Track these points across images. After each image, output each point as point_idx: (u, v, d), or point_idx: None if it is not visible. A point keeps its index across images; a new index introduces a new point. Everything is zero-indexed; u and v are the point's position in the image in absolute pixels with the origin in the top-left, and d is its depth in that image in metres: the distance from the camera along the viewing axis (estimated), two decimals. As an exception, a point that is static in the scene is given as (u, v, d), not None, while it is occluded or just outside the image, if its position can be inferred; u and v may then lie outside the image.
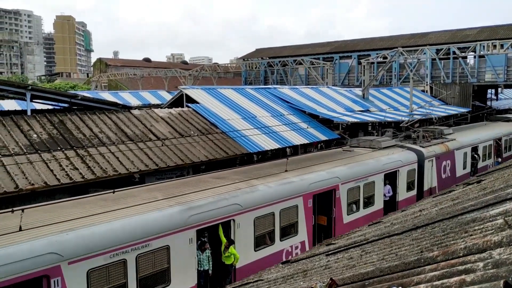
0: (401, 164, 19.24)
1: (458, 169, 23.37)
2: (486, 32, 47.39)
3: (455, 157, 23.09)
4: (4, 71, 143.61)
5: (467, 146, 24.38)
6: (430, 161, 20.81)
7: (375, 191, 17.64)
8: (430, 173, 20.94)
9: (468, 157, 24.54)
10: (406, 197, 19.60)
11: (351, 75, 54.92)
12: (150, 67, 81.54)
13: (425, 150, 20.78)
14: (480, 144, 25.86)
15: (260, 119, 23.31)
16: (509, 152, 30.16)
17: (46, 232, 8.59)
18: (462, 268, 2.66)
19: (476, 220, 4.42)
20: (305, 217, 14.42)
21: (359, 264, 4.67)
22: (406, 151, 20.19)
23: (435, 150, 21.44)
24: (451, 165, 22.67)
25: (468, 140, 24.86)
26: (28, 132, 15.42)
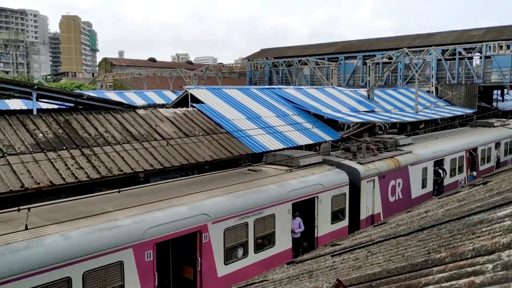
0: (321, 189, 14.62)
1: (414, 189, 19.07)
2: (492, 32, 47.16)
3: (410, 175, 18.69)
4: (10, 70, 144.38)
5: (427, 159, 20.00)
6: (370, 181, 16.54)
7: (277, 227, 13.13)
8: (371, 196, 16.65)
9: (429, 173, 20.23)
10: (332, 230, 15.13)
11: (356, 75, 54.81)
12: (155, 67, 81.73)
13: (362, 168, 16.30)
14: (447, 157, 21.55)
15: (265, 119, 23.31)
16: (488, 164, 25.58)
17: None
18: (470, 270, 2.64)
19: (483, 221, 4.39)
20: (140, 279, 9.71)
21: (365, 265, 4.65)
22: (333, 171, 15.59)
23: (378, 167, 17.02)
24: (404, 185, 18.38)
25: (429, 152, 20.42)
26: (34, 132, 15.49)
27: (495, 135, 26.87)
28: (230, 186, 12.52)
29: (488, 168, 24.84)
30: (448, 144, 22.24)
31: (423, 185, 19.80)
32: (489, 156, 25.95)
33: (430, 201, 11.97)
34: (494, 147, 26.12)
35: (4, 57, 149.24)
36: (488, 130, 27.56)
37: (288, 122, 23.87)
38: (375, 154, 17.92)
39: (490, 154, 25.97)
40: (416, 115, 33.33)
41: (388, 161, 17.80)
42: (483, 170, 24.30)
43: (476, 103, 42.84)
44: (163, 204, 10.81)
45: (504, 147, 27.83)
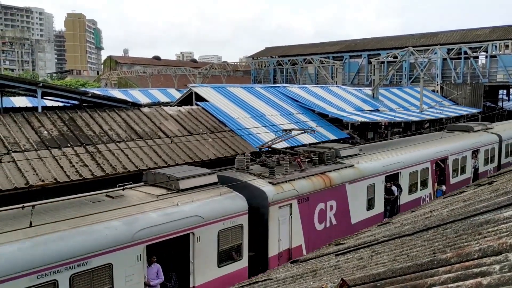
0: (200, 222, 10.51)
1: (355, 212, 15.28)
2: (498, 32, 46.91)
3: (348, 194, 14.88)
4: (15, 68, 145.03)
5: (375, 174, 16.05)
6: (284, 206, 12.70)
7: (116, 282, 9.08)
8: (287, 226, 12.86)
9: (378, 192, 16.21)
10: (220, 275, 11.25)
11: (361, 74, 54.69)
12: (159, 65, 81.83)
13: (272, 190, 12.43)
14: (405, 170, 17.65)
15: (269, 118, 23.28)
16: (462, 176, 21.77)
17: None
18: (477, 271, 2.61)
19: (489, 221, 4.35)
20: None
21: (370, 265, 4.62)
22: (226, 196, 11.45)
23: (299, 187, 13.12)
24: (340, 208, 14.57)
25: (379, 165, 16.38)
26: (38, 129, 15.54)
27: (472, 141, 22.80)
28: (38, 227, 8.42)
29: (463, 181, 21.24)
30: (407, 154, 18.10)
31: (369, 206, 15.93)
32: (464, 166, 21.93)
33: (434, 201, 11.90)
34: (470, 156, 22.30)
35: (10, 55, 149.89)
36: (465, 136, 23.60)
37: (292, 120, 23.83)
38: (302, 169, 13.99)
39: (465, 164, 21.97)
40: (421, 114, 33.22)
41: (315, 179, 13.74)
42: (456, 183, 20.70)
43: (481, 102, 42.66)
44: None
45: (484, 155, 23.80)
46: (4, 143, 14.17)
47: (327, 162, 15.33)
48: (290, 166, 14.19)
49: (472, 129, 24.84)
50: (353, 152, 17.00)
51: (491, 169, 24.47)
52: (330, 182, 14.17)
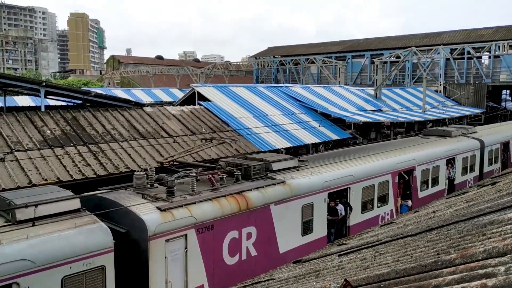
0: (29, 268, 7.66)
1: (284, 239, 12.43)
2: (501, 32, 46.77)
3: (274, 218, 12.04)
4: (18, 67, 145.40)
5: (313, 192, 13.19)
6: (176, 239, 9.85)
7: None
8: (180, 263, 10.09)
9: (317, 213, 13.41)
10: None
11: (364, 74, 54.63)
12: (162, 64, 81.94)
13: (156, 219, 9.59)
14: (355, 185, 14.94)
15: (271, 118, 23.27)
16: (433, 189, 19.27)
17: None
18: (482, 272, 2.60)
19: (493, 222, 4.33)
20: None
21: (373, 265, 4.61)
22: (82, 229, 8.55)
23: (198, 213, 10.24)
24: (262, 235, 11.76)
25: (318, 181, 13.47)
26: (41, 128, 15.57)
27: (447, 148, 20.27)
28: None
29: (435, 194, 18.81)
30: (359, 166, 15.46)
31: (306, 231, 13.16)
32: (436, 177, 19.44)
33: (437, 201, 11.86)
34: (444, 165, 19.91)
35: (13, 54, 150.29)
36: (440, 142, 20.93)
37: (295, 120, 23.82)
38: (215, 188, 11.23)
39: (437, 175, 19.48)
40: (424, 114, 33.15)
41: (226, 201, 10.86)
42: (426, 197, 18.38)
43: (484, 103, 42.55)
44: None
45: (462, 164, 21.21)
46: (7, 142, 14.21)
47: (254, 178, 12.42)
48: (202, 184, 11.48)
49: (450, 134, 22.33)
50: (291, 164, 14.05)
51: (471, 178, 21.93)
52: (247, 204, 11.27)
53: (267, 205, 11.83)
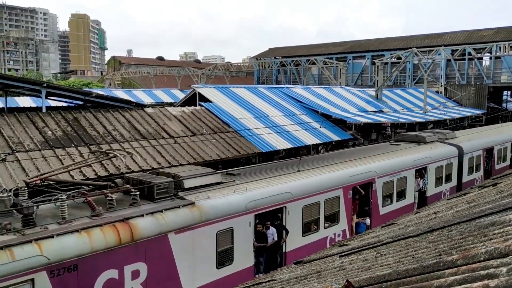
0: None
1: (191, 275, 10.18)
2: (502, 33, 46.77)
3: (175, 251, 9.78)
4: (19, 68, 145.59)
5: (230, 215, 10.88)
6: (16, 286, 7.54)
7: None
8: None
9: (239, 239, 11.14)
10: None
11: (365, 75, 54.64)
12: (163, 65, 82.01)
13: None
14: (292, 204, 12.53)
15: (272, 119, 23.28)
16: (399, 203, 17.00)
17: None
18: (484, 273, 2.60)
19: (495, 223, 4.33)
20: None
21: (375, 266, 4.60)
22: None
23: (53, 250, 7.96)
24: (157, 272, 9.54)
25: (241, 201, 11.22)
26: (43, 129, 15.59)
27: (417, 157, 18.04)
28: None
29: (402, 209, 16.57)
30: (297, 182, 12.97)
31: (223, 262, 10.90)
32: (402, 190, 17.15)
33: (438, 202, 11.86)
34: (413, 176, 17.74)
35: (14, 55, 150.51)
36: (411, 150, 18.94)
37: (295, 121, 23.82)
38: (96, 214, 9.04)
39: (404, 188, 17.20)
40: (425, 115, 33.14)
41: (98, 233, 8.58)
42: (390, 213, 16.10)
43: (485, 104, 42.55)
44: None
45: (435, 174, 19.17)
46: (8, 142, 14.23)
47: (159, 198, 10.22)
48: (84, 209, 9.25)
49: (424, 140, 20.32)
50: (211, 180, 11.69)
51: (447, 190, 19.95)
52: (132, 234, 8.96)
53: (164, 234, 9.48)
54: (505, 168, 24.03)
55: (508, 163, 25.67)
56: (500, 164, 24.81)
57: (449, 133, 22.69)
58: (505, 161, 25.43)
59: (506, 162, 25.59)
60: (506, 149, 25.67)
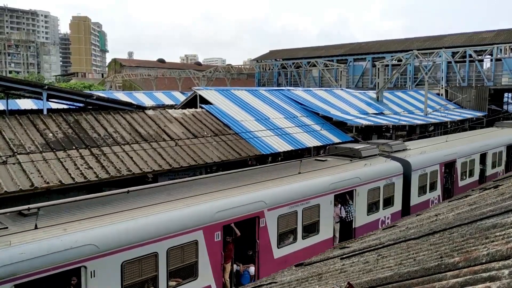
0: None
1: None
2: (503, 35, 46.77)
3: None
4: (21, 70, 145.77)
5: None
6: None
7: None
8: None
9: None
10: None
11: (365, 77, 54.64)
12: (164, 67, 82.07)
13: None
14: (101, 260, 8.67)
15: (273, 121, 23.28)
16: (308, 241, 13.39)
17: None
18: (486, 275, 2.59)
19: (496, 226, 4.32)
20: None
21: (376, 269, 4.60)
22: None
23: None
24: None
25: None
26: (44, 131, 15.60)
27: (337, 178, 14.31)
28: None
29: (311, 247, 13.12)
30: (109, 227, 9.09)
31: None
32: (313, 223, 13.46)
33: (440, 205, 11.85)
34: (331, 203, 14.05)
35: (15, 57, 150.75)
36: (331, 169, 15.01)
37: (296, 123, 23.82)
38: None
39: (315, 220, 13.49)
40: (426, 117, 33.12)
41: None
42: (290, 255, 12.63)
43: (486, 106, 42.51)
44: None
45: (368, 198, 15.52)
46: (9, 145, 14.24)
47: None
48: None
49: (359, 154, 16.82)
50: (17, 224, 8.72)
51: (387, 216, 16.44)
52: None
53: None
54: (472, 184, 20.17)
55: (477, 178, 22.19)
56: (465, 180, 21.20)
57: (397, 145, 19.32)
58: (472, 176, 21.80)
59: (474, 177, 21.99)
60: (473, 162, 21.98)
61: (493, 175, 22.78)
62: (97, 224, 8.98)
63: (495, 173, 23.84)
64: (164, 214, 9.86)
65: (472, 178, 21.83)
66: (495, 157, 24.14)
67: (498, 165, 24.57)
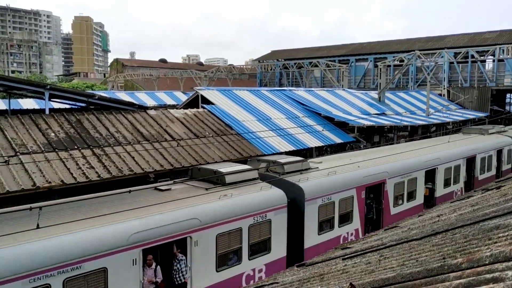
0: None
1: None
2: (505, 35, 46.67)
3: None
4: (23, 70, 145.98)
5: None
6: None
7: None
8: None
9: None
10: None
11: (367, 77, 54.58)
12: (166, 68, 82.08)
13: None
14: None
15: (275, 121, 23.26)
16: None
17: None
18: (489, 277, 2.58)
19: (499, 227, 4.31)
20: None
21: (378, 269, 4.58)
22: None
23: None
24: None
25: None
26: (46, 131, 15.61)
27: (147, 225, 9.42)
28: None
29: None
30: None
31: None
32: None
33: (442, 205, 11.81)
34: (134, 265, 9.06)
35: (18, 57, 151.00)
36: (154, 207, 10.05)
37: (298, 124, 23.80)
38: None
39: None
40: (428, 118, 33.07)
41: None
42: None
43: (488, 106, 42.43)
44: None
45: (217, 248, 10.60)
46: (11, 144, 14.26)
47: None
48: None
49: (222, 180, 12.05)
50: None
51: (260, 269, 11.73)
52: None
53: None
54: (413, 211, 16.19)
55: (421, 201, 17.57)
56: (400, 207, 16.58)
57: (292, 164, 14.01)
58: (412, 199, 17.12)
59: (415, 201, 17.27)
60: (415, 181, 17.24)
61: (447, 196, 18.73)
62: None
63: (450, 192, 19.48)
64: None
65: (412, 203, 17.13)
66: (449, 173, 19.45)
67: (455, 182, 20.04)
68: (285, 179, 13.09)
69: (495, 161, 23.63)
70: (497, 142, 24.20)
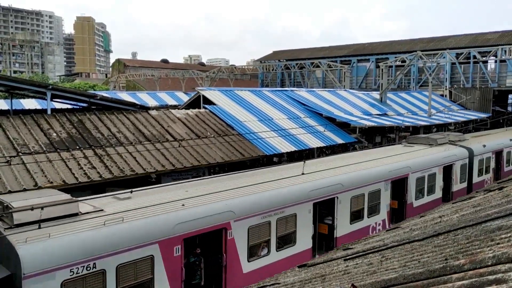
0: None
1: None
2: (507, 36, 46.57)
3: None
4: (25, 70, 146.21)
5: None
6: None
7: None
8: None
9: None
10: None
11: (369, 78, 54.53)
12: (167, 68, 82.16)
13: None
14: None
15: (276, 122, 23.25)
16: None
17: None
18: (492, 278, 2.57)
19: (502, 228, 4.29)
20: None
21: (380, 270, 4.57)
22: None
23: None
24: None
25: None
26: (48, 131, 15.63)
27: None
28: None
29: None
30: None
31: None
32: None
33: (443, 206, 11.79)
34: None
35: (20, 57, 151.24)
36: None
37: (300, 124, 23.79)
38: None
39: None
40: (429, 119, 33.02)
41: None
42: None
43: (490, 107, 42.33)
44: None
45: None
46: (13, 144, 14.28)
47: None
48: None
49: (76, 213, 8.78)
50: None
51: None
52: None
53: None
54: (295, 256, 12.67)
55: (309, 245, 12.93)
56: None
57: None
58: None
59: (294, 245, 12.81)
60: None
61: (354, 234, 14.06)
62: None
63: (364, 228, 14.78)
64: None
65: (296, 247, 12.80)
66: (358, 203, 14.50)
67: (371, 213, 15.04)
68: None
69: (440, 180, 18.82)
70: (445, 156, 19.27)
